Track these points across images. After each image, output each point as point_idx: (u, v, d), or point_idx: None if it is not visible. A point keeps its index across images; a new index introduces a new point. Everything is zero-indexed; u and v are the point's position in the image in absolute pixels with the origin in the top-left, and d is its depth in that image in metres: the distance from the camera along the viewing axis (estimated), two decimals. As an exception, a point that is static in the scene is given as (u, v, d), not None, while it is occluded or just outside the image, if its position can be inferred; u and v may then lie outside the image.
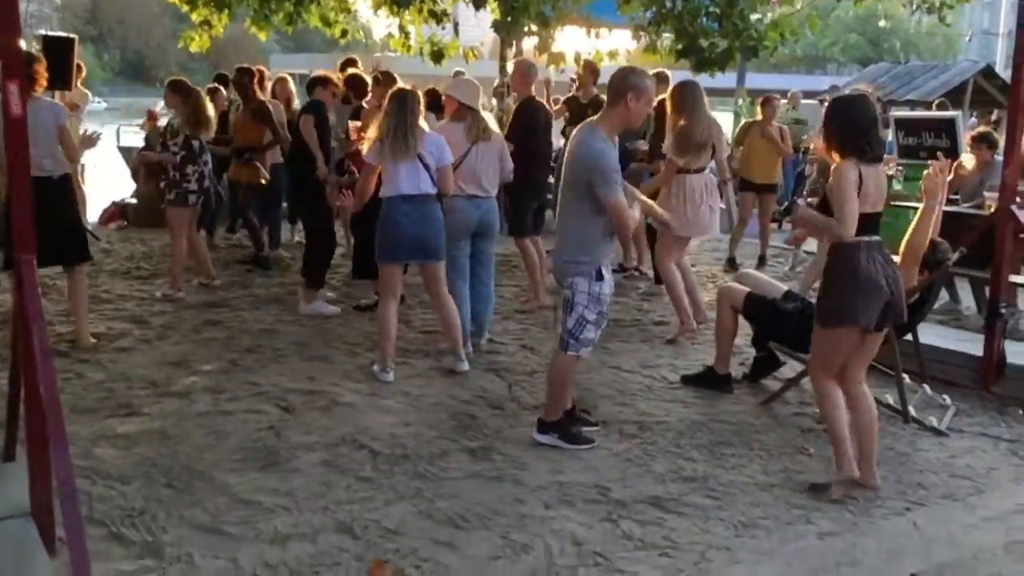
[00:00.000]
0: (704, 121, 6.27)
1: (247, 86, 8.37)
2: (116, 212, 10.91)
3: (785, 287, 5.35)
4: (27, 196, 2.88)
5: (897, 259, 4.57)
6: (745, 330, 5.45)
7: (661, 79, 7.90)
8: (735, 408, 5.01)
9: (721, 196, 6.86)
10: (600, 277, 4.20)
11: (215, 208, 8.01)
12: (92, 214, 10.98)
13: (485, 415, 4.80)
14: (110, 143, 14.21)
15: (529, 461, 4.17)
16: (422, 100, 5.25)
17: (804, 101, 16.19)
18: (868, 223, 3.90)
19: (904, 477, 4.13)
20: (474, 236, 5.78)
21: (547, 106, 7.42)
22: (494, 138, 5.72)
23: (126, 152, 14.31)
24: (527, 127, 6.77)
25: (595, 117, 4.28)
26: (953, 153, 9.86)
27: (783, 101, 14.47)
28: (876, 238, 3.97)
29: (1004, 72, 18.26)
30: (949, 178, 7.53)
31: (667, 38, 7.58)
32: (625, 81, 4.12)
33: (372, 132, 5.19)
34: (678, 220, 6.21)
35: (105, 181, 13.16)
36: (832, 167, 3.94)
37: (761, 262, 9.13)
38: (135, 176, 10.81)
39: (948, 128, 10.01)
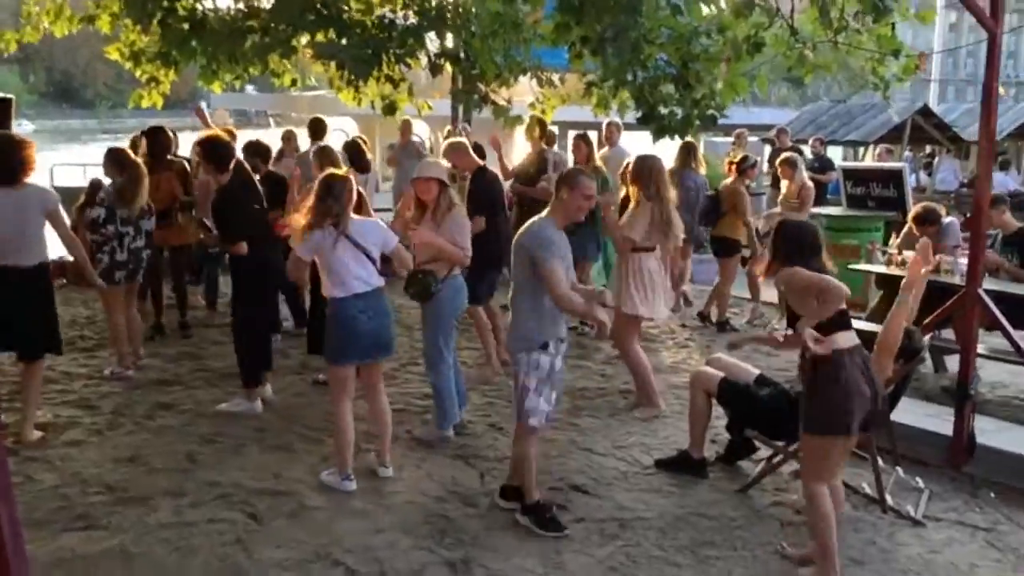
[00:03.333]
0: (667, 199, 6.21)
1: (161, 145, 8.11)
2: (56, 270, 10.45)
3: (757, 371, 5.31)
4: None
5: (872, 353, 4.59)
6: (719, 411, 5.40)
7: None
8: (713, 498, 4.94)
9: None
10: (544, 347, 4.44)
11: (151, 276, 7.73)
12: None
13: (459, 514, 4.66)
14: (43, 182, 13.79)
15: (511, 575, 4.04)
16: (354, 188, 4.94)
17: (750, 139, 16.43)
18: (843, 321, 3.97)
19: (890, 580, 4.10)
20: None
21: (497, 175, 7.34)
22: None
23: (63, 193, 13.85)
24: (488, 202, 6.70)
25: (545, 212, 4.56)
26: (901, 205, 10.08)
27: (730, 143, 14.67)
28: (856, 341, 3.99)
29: (937, 108, 18.75)
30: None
31: (622, 96, 7.57)
32: (561, 177, 4.60)
33: (300, 219, 4.82)
34: (632, 301, 6.27)
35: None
36: (776, 279, 4.08)
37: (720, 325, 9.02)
38: (75, 231, 10.40)
39: (895, 179, 10.23)
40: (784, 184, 9.33)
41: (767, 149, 17.23)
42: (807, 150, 15.45)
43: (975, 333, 5.37)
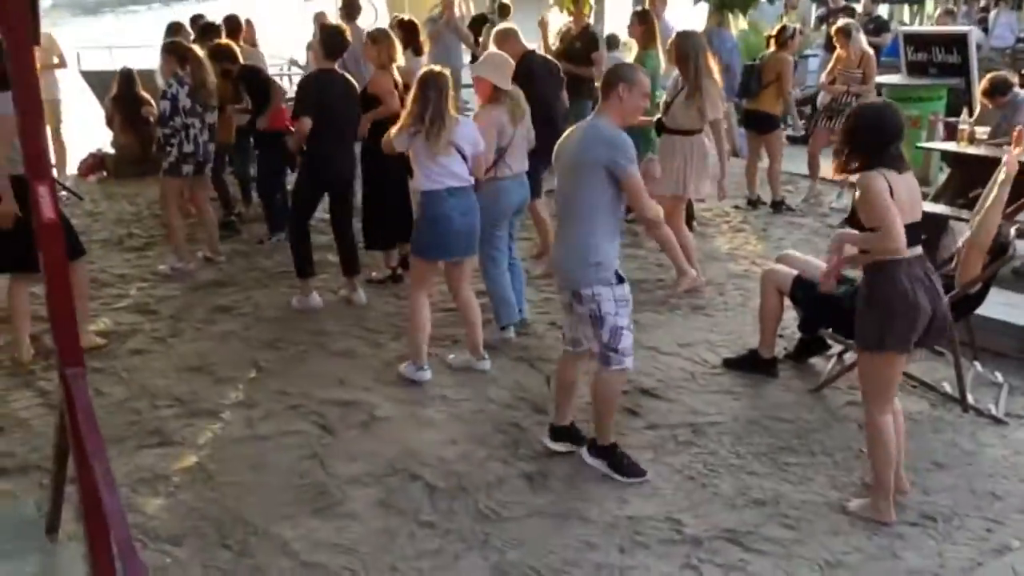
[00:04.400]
0: (710, 75, 6.06)
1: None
2: (95, 163, 10.44)
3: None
4: (67, 295, 2.58)
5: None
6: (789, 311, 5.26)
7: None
8: (786, 399, 4.86)
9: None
10: (620, 280, 3.98)
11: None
12: (71, 165, 10.56)
13: (530, 423, 4.62)
14: (71, 69, 13.53)
15: (590, 489, 4.01)
16: (451, 83, 4.89)
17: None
18: (908, 235, 3.60)
19: (976, 485, 4.02)
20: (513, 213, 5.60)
21: (549, 58, 7.01)
22: (527, 114, 5.45)
23: (91, 78, 13.60)
24: (543, 90, 6.41)
25: (595, 112, 4.06)
26: (966, 72, 9.60)
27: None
28: (918, 251, 3.71)
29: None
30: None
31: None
32: (615, 74, 3.99)
33: (402, 117, 4.88)
34: (676, 180, 6.28)
35: (76, 121, 12.52)
36: (856, 179, 3.67)
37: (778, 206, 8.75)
38: (110, 124, 10.27)
39: (959, 44, 9.70)
40: (840, 52, 8.87)
41: (814, 8, 16.49)
42: (859, 7, 14.75)
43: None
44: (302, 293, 6.23)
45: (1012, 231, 4.87)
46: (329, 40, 6.12)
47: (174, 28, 9.08)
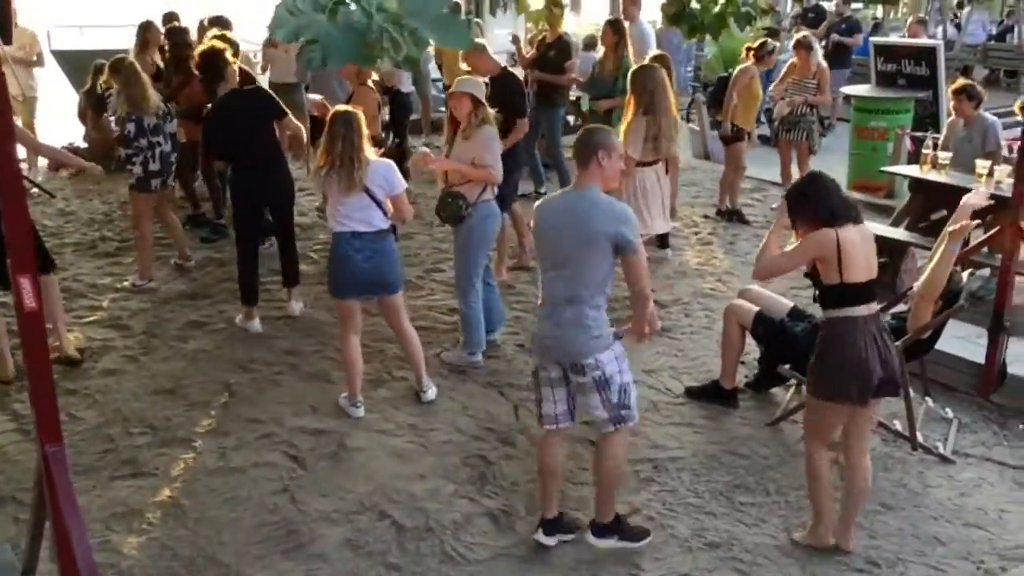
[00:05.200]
0: (665, 112, 6.12)
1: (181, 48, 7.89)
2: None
3: (791, 303, 5.30)
4: (47, 373, 2.67)
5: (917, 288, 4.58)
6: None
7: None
8: (745, 432, 5.02)
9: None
10: (617, 336, 3.94)
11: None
12: (42, 159, 10.47)
13: (497, 456, 4.75)
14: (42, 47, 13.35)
15: (553, 530, 4.16)
16: (364, 124, 4.87)
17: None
18: (858, 292, 3.80)
19: (921, 530, 4.20)
20: None
21: (517, 76, 7.12)
22: None
23: (62, 58, 13.44)
24: (514, 107, 6.51)
25: (576, 183, 3.87)
26: (934, 84, 9.77)
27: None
28: (874, 308, 3.88)
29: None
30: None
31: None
32: (591, 142, 3.81)
33: (318, 157, 4.89)
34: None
35: (51, 111, 12.38)
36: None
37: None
38: (82, 117, 10.22)
39: (929, 56, 9.87)
40: (795, 62, 8.88)
41: (791, 5, 16.60)
42: (830, 7, 14.88)
43: (1017, 254, 5.28)
44: (245, 317, 6.26)
45: (964, 276, 5.04)
46: (209, 69, 6.20)
47: (169, 18, 8.99)
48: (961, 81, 7.75)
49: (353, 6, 3.13)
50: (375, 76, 6.93)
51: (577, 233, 3.72)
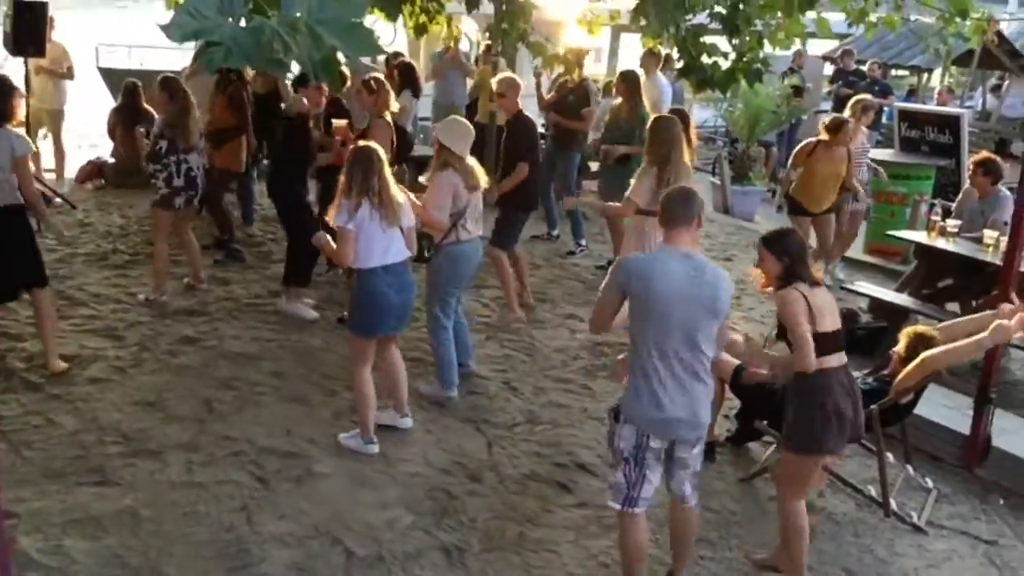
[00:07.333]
0: (676, 165, 6.03)
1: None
2: (94, 170, 10.60)
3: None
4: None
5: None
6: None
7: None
8: (717, 487, 4.95)
9: None
10: None
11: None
12: (70, 170, 10.73)
13: (462, 491, 4.73)
14: (88, 65, 13.74)
15: (503, 570, 4.12)
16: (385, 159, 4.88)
17: (810, 53, 15.74)
18: (830, 341, 3.90)
19: (881, 598, 4.12)
20: None
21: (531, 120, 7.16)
22: (482, 180, 5.54)
23: (107, 74, 13.82)
24: (528, 147, 6.60)
25: (679, 242, 3.68)
26: (956, 152, 9.70)
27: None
28: (843, 358, 3.98)
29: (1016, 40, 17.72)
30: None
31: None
32: (696, 201, 3.75)
33: (342, 192, 4.75)
34: None
35: (85, 122, 12.73)
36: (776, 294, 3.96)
37: None
38: (112, 134, 10.45)
39: (952, 125, 9.81)
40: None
41: (829, 68, 16.57)
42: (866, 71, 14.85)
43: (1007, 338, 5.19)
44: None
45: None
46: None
47: None
48: (983, 154, 7.66)
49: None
50: (394, 108, 7.00)
51: (707, 304, 3.59)
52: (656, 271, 3.59)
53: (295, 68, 5.48)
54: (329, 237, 4.92)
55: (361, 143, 5.00)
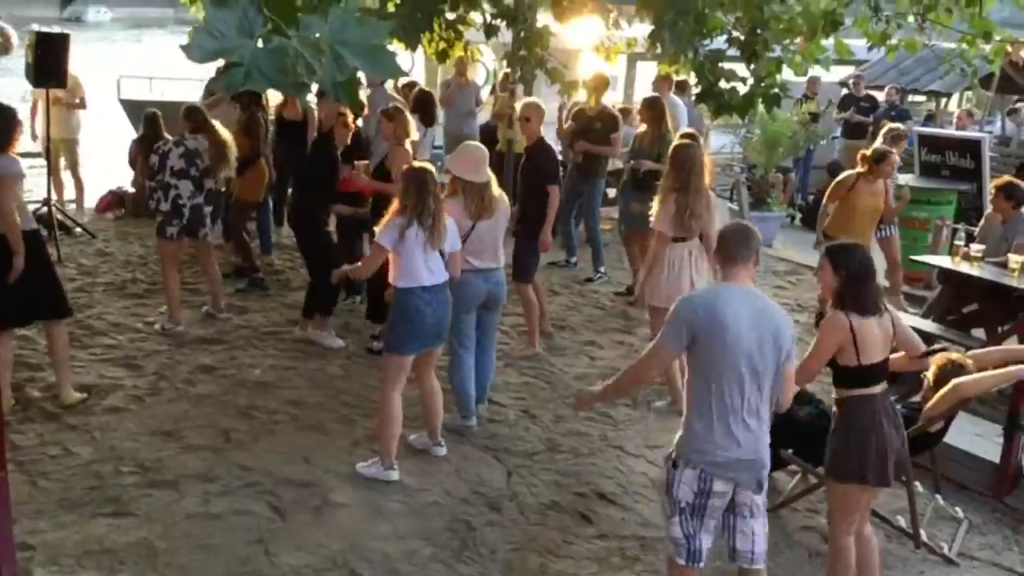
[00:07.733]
0: (697, 191, 5.93)
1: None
2: (114, 201, 10.66)
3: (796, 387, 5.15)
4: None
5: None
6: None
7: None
8: (740, 517, 4.85)
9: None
10: None
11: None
12: (90, 199, 10.79)
13: (481, 522, 4.66)
14: (110, 97, 13.87)
15: (523, 604, 4.05)
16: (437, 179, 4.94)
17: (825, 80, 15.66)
18: (875, 372, 3.86)
19: (913, 633, 4.00)
20: (481, 307, 5.59)
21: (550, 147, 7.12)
22: (499, 210, 5.47)
23: (129, 106, 13.90)
24: (553, 172, 6.57)
25: (739, 279, 3.57)
26: (977, 177, 9.61)
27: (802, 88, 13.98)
28: (885, 386, 3.94)
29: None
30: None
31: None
32: (754, 236, 3.66)
33: (395, 211, 4.80)
34: (656, 289, 6.01)
35: (106, 153, 12.79)
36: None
37: None
38: (132, 164, 10.51)
39: (973, 149, 9.73)
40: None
41: (842, 91, 16.50)
42: (881, 97, 14.77)
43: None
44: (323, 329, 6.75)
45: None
46: None
47: None
48: (1005, 178, 7.56)
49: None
50: (414, 137, 7.00)
51: (771, 342, 3.47)
52: (722, 308, 3.45)
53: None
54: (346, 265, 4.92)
55: (416, 164, 5.02)
